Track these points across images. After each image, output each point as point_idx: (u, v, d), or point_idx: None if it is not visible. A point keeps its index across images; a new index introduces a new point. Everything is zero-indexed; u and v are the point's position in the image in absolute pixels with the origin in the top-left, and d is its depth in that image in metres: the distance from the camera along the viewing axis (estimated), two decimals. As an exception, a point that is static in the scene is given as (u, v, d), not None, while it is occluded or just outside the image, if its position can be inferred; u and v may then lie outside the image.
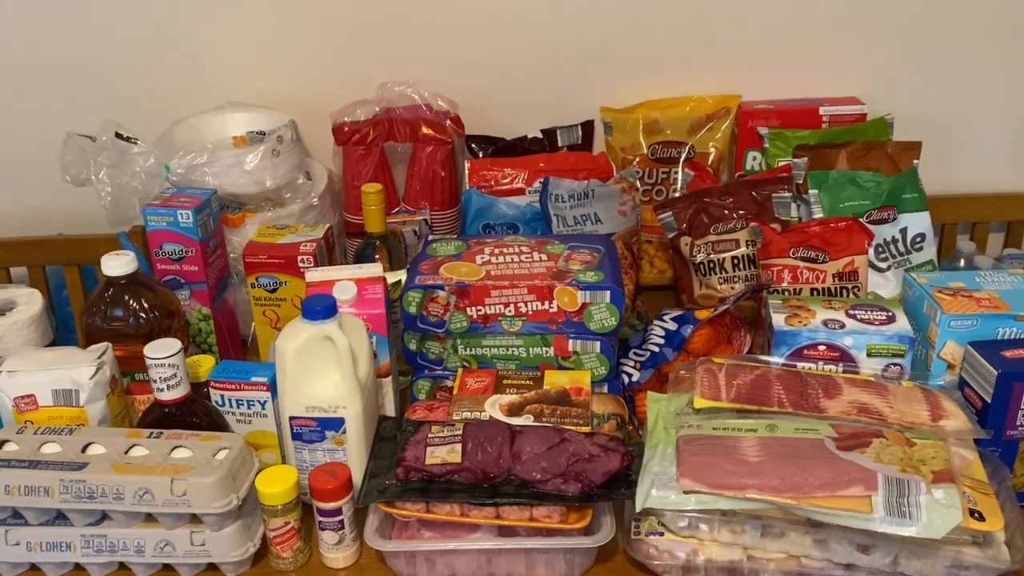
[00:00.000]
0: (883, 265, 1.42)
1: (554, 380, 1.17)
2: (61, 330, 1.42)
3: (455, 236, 1.40)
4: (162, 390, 1.06)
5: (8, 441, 1.04)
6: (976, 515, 0.89)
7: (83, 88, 1.61)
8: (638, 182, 1.55)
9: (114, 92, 1.60)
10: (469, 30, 1.59)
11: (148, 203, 1.29)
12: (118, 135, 1.33)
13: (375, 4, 1.57)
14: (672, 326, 1.26)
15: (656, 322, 1.30)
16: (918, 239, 1.44)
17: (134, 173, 1.33)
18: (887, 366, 1.13)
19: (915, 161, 1.50)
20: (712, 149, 1.62)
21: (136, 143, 1.35)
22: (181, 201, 1.29)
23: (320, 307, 1.04)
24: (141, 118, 1.45)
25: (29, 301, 1.24)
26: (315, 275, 1.19)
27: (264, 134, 1.43)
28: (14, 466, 0.99)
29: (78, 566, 1.04)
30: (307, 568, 1.05)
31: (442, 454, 1.01)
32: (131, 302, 1.18)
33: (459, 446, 1.01)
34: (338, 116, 1.55)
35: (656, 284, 1.61)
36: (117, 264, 1.17)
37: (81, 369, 1.08)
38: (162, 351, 1.04)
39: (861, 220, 1.37)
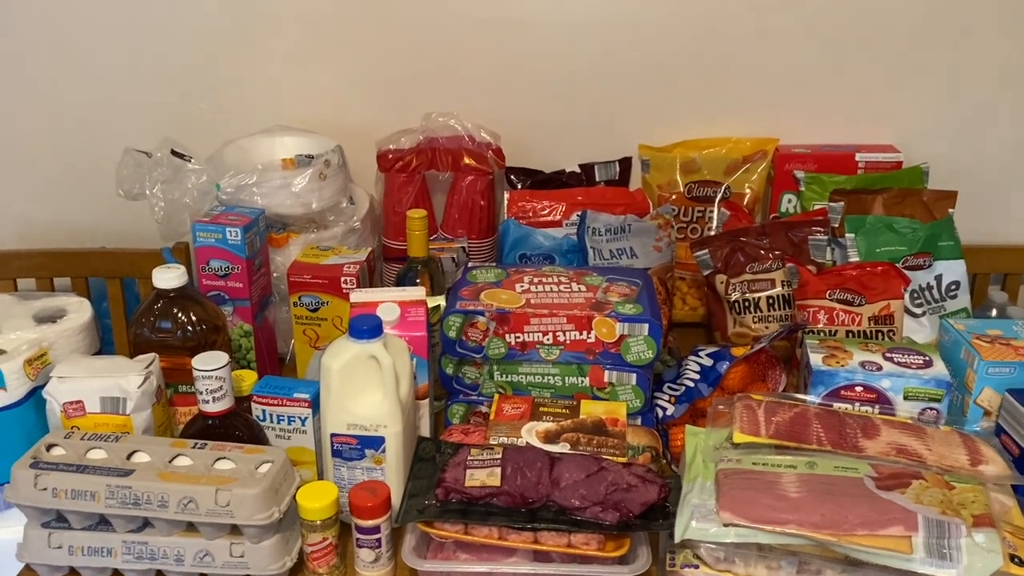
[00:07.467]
0: (918, 311, 1.43)
1: (590, 410, 1.18)
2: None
3: (494, 264, 1.41)
4: (208, 402, 1.07)
5: (56, 445, 1.05)
6: (1016, 560, 0.89)
7: (134, 107, 1.65)
8: (673, 219, 1.57)
9: (165, 111, 1.65)
10: (514, 65, 1.63)
11: (198, 219, 1.32)
12: (174, 152, 1.36)
13: (423, 37, 1.62)
14: (708, 362, 1.27)
15: (691, 357, 1.31)
16: (953, 286, 1.45)
17: (186, 190, 1.36)
18: (923, 410, 1.14)
19: (950, 210, 1.52)
20: (748, 190, 1.64)
21: (190, 160, 1.38)
22: (230, 219, 1.32)
23: (367, 327, 1.06)
24: (191, 137, 1.48)
25: (79, 310, 1.26)
26: (359, 296, 1.21)
27: (312, 157, 1.46)
28: (62, 470, 1.01)
29: (116, 572, 1.05)
30: (341, 585, 1.05)
31: (481, 477, 1.02)
32: (179, 315, 1.20)
33: (498, 470, 1.02)
34: (383, 143, 1.58)
35: (688, 321, 1.62)
36: (168, 277, 1.19)
37: (130, 378, 1.10)
38: (210, 363, 1.06)
39: (897, 265, 1.38)
